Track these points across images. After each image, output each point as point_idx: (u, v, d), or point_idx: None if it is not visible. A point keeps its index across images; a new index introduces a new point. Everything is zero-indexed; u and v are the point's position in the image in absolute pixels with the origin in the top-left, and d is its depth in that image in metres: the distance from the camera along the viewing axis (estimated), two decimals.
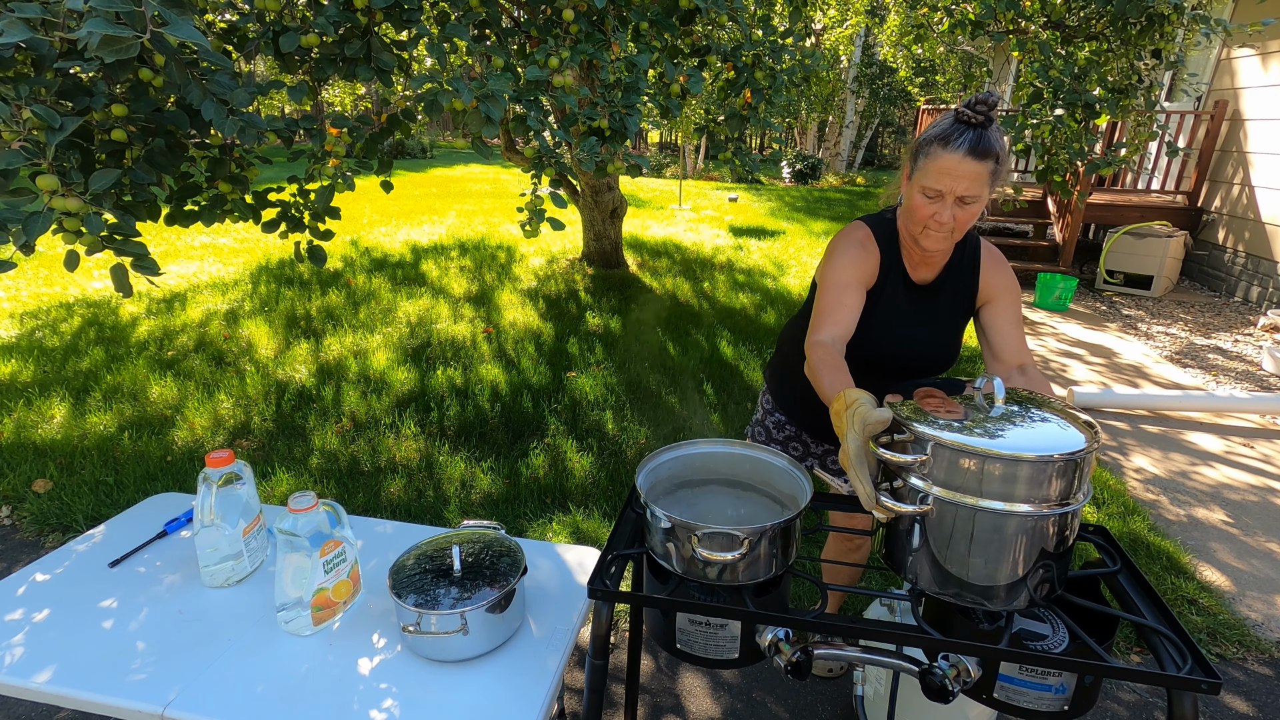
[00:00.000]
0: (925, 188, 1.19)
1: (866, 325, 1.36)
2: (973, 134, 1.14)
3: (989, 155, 1.15)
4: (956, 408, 0.99)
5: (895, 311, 1.36)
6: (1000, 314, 1.34)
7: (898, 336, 1.36)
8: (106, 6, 1.14)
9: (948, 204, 1.18)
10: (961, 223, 1.20)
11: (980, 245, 1.37)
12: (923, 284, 1.36)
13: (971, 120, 1.15)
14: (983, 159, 1.14)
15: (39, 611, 1.17)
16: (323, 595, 1.13)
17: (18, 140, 1.29)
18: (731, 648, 1.07)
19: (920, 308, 1.36)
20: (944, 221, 1.19)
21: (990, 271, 1.35)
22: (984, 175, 1.16)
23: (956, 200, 1.18)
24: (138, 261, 1.56)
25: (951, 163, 1.15)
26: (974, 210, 1.20)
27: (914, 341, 1.37)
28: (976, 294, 1.36)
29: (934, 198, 1.19)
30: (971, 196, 1.17)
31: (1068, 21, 3.26)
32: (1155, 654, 0.96)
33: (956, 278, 1.36)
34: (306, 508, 1.11)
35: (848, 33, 10.60)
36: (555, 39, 2.04)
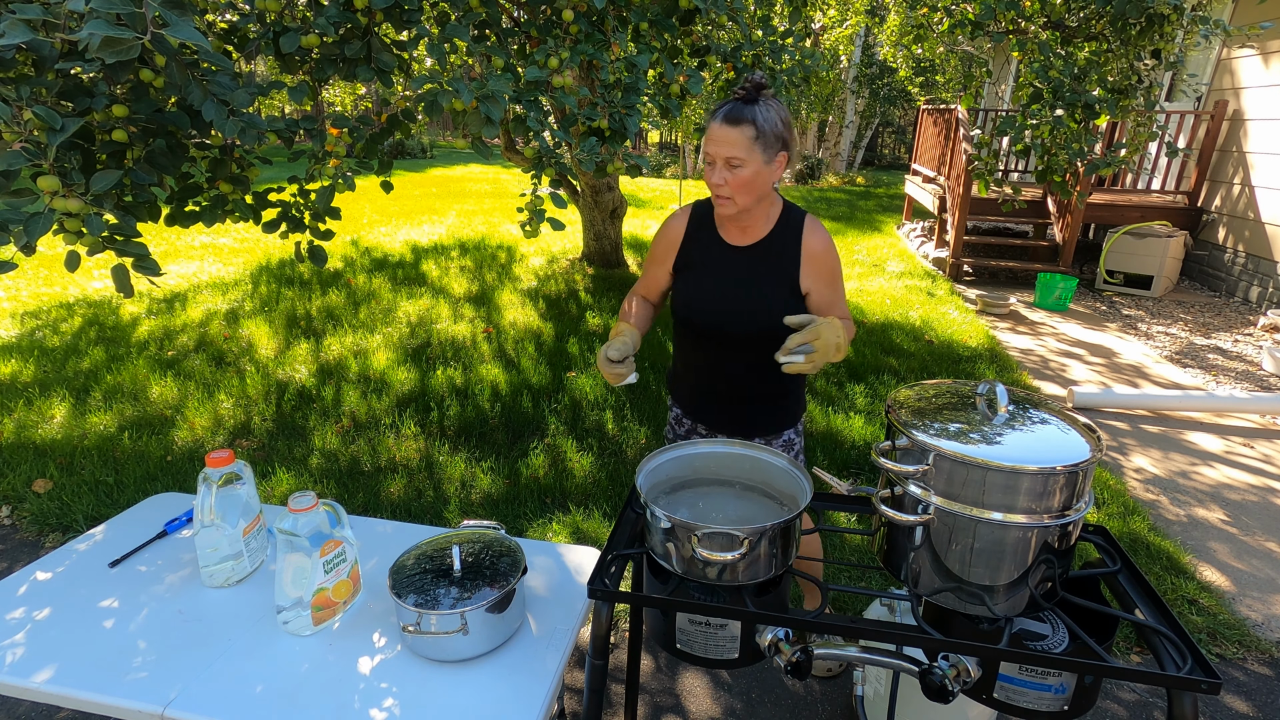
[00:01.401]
0: (705, 155, 1.36)
1: (687, 288, 1.52)
2: (733, 105, 1.31)
3: (742, 121, 1.30)
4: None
5: (710, 272, 1.50)
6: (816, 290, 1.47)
7: (717, 292, 1.48)
8: (107, 8, 1.14)
9: (719, 168, 1.34)
10: (735, 186, 1.34)
11: (805, 219, 1.48)
12: (740, 247, 1.48)
13: (736, 95, 1.32)
14: (736, 124, 1.30)
15: (39, 611, 1.17)
16: (323, 595, 1.13)
17: (19, 141, 1.29)
18: (731, 648, 1.07)
19: (736, 268, 1.48)
20: (718, 184, 1.35)
21: (810, 246, 1.46)
22: (742, 141, 1.31)
23: (725, 164, 1.33)
24: (139, 262, 1.56)
25: (714, 130, 1.33)
26: (744, 175, 1.33)
27: (734, 296, 1.47)
28: (799, 264, 1.45)
29: (710, 164, 1.35)
30: (737, 160, 1.32)
31: (1068, 22, 3.26)
32: (1155, 654, 0.96)
33: (778, 244, 1.46)
34: (306, 508, 1.11)
35: (848, 33, 10.60)
36: (555, 39, 2.04)
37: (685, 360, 1.62)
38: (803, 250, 1.44)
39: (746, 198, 1.37)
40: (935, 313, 5.08)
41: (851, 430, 3.21)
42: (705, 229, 1.51)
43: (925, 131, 8.14)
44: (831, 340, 1.27)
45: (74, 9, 1.15)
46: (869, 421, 3.29)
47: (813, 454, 3.01)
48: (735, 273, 1.47)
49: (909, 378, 3.87)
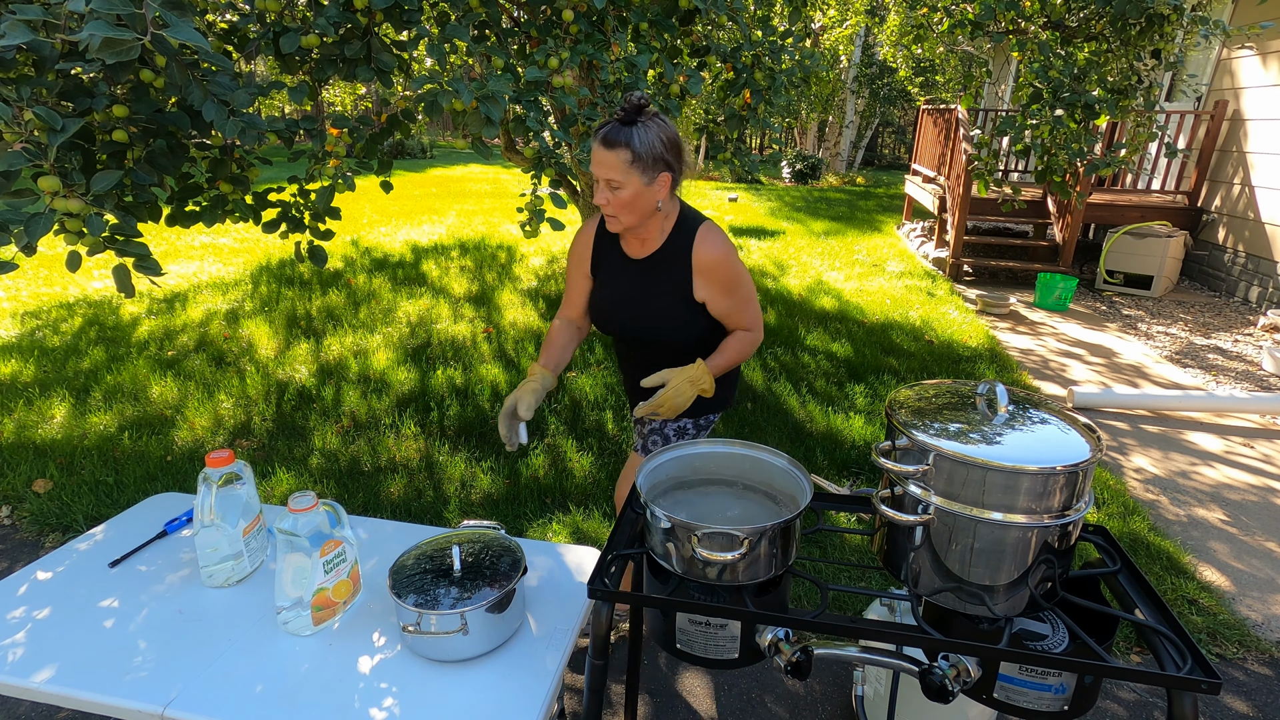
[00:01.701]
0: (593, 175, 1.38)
1: (594, 296, 1.59)
2: (610, 128, 1.33)
3: (617, 144, 1.32)
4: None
5: (613, 284, 1.56)
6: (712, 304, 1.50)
7: (614, 304, 1.55)
8: (107, 9, 1.14)
9: (603, 189, 1.37)
10: (617, 206, 1.38)
11: (697, 231, 1.48)
12: (635, 259, 1.52)
13: (614, 117, 1.34)
14: (612, 148, 1.32)
15: (39, 611, 1.17)
16: (323, 595, 1.13)
17: (20, 142, 1.29)
18: (731, 648, 1.07)
19: (634, 281, 1.52)
20: (602, 203, 1.38)
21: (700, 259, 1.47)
22: (618, 163, 1.33)
23: (607, 184, 1.36)
24: (140, 262, 1.57)
25: (594, 151, 1.35)
26: (624, 196, 1.36)
27: (629, 308, 1.53)
28: (692, 277, 1.48)
29: (597, 183, 1.38)
30: (616, 182, 1.35)
31: (1068, 22, 3.26)
32: (1155, 654, 0.96)
33: (670, 256, 1.49)
34: (306, 508, 1.11)
35: (848, 33, 10.60)
36: (555, 39, 2.05)
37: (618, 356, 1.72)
38: (693, 262, 1.46)
39: (630, 217, 1.40)
40: (935, 313, 5.08)
41: (851, 430, 3.21)
42: (610, 239, 1.55)
43: (925, 131, 8.14)
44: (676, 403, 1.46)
45: (74, 9, 1.15)
46: (869, 421, 3.29)
47: (813, 454, 3.01)
48: (631, 285, 1.52)
49: (909, 378, 3.87)
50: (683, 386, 1.47)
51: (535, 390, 1.46)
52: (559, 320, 1.64)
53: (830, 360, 4.11)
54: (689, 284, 1.48)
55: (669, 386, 1.46)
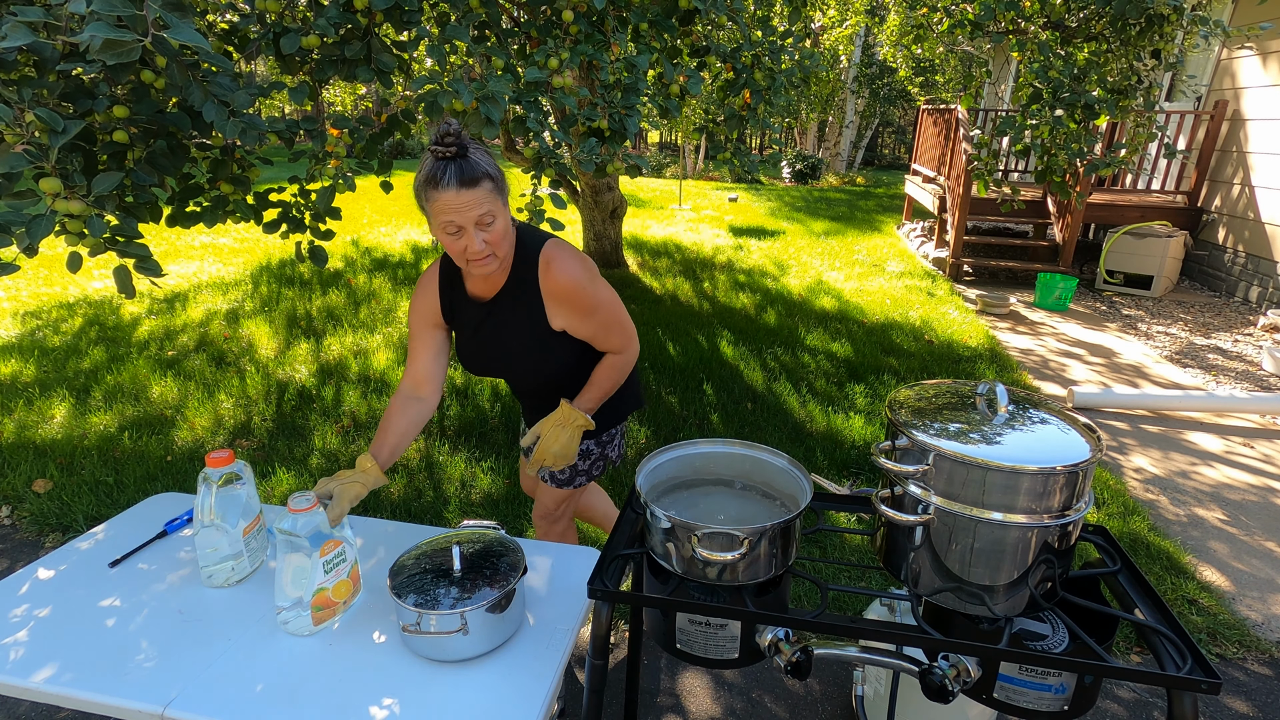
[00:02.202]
0: (444, 226, 1.23)
1: (464, 352, 1.49)
2: (454, 166, 1.19)
3: (478, 180, 1.20)
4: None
5: (469, 329, 1.46)
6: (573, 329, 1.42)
7: (474, 351, 1.47)
8: (108, 10, 1.14)
9: (470, 233, 1.23)
10: (495, 242, 1.26)
11: (540, 258, 1.37)
12: (483, 300, 1.43)
13: (445, 154, 1.19)
14: (475, 185, 1.20)
15: (39, 611, 1.17)
16: (323, 595, 1.13)
17: (21, 143, 1.29)
18: (731, 648, 1.07)
19: (486, 323, 1.43)
20: (478, 249, 1.25)
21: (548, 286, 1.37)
22: (484, 197, 1.22)
23: (477, 225, 1.23)
24: (140, 263, 1.57)
25: (449, 198, 1.20)
26: (499, 226, 1.26)
27: (490, 353, 1.45)
28: (543, 306, 1.38)
29: (456, 233, 1.23)
30: (486, 216, 1.23)
31: (1068, 22, 3.26)
32: (1155, 654, 0.96)
33: (516, 291, 1.39)
34: (306, 508, 1.10)
35: (847, 33, 10.60)
36: (555, 40, 2.05)
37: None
38: (542, 290, 1.37)
39: (505, 247, 1.30)
40: (935, 313, 5.08)
41: (851, 430, 3.21)
42: (456, 287, 1.44)
43: (925, 131, 8.14)
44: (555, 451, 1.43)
45: (75, 11, 1.15)
46: (869, 421, 3.29)
47: (813, 454, 3.01)
48: (488, 326, 1.43)
49: (909, 378, 3.87)
50: (555, 433, 1.41)
51: (356, 495, 1.23)
52: (398, 398, 1.42)
53: (830, 360, 4.11)
54: (542, 315, 1.38)
55: (543, 437, 1.43)
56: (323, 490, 1.22)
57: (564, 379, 1.48)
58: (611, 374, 1.46)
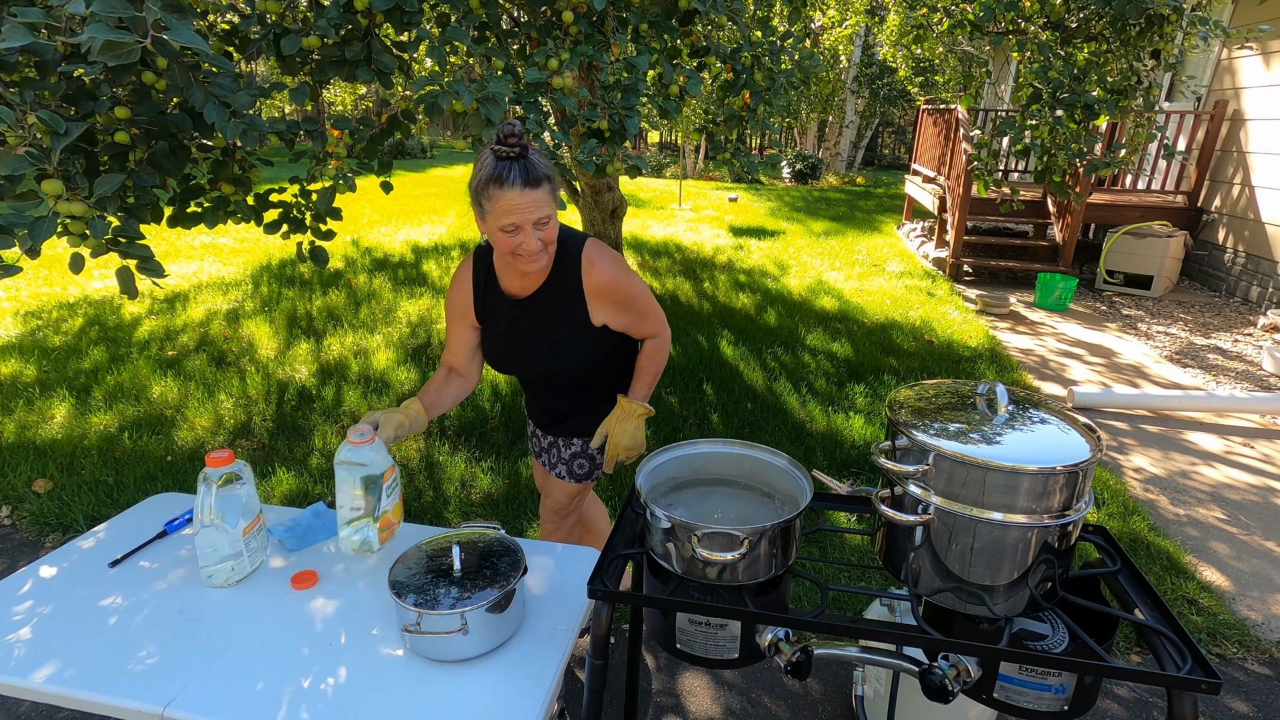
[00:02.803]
0: (501, 226, 1.26)
1: (485, 343, 1.53)
2: (519, 166, 1.23)
3: (540, 181, 1.25)
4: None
5: (498, 327, 1.49)
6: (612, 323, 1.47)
7: (502, 343, 1.50)
8: (108, 12, 1.14)
9: (527, 233, 1.27)
10: (548, 240, 1.31)
11: (582, 256, 1.42)
12: (518, 298, 1.46)
13: (509, 155, 1.23)
14: (537, 186, 1.24)
15: (39, 611, 1.17)
16: (385, 517, 1.23)
17: (23, 145, 1.29)
18: (731, 648, 1.07)
19: (519, 321, 1.47)
20: (533, 247, 1.29)
21: (590, 284, 1.42)
22: (543, 199, 1.26)
23: (535, 225, 1.27)
24: (142, 264, 1.57)
25: (513, 197, 1.23)
26: (553, 226, 1.31)
27: (527, 350, 1.48)
28: (586, 304, 1.43)
29: (513, 231, 1.27)
30: (544, 218, 1.27)
31: (1067, 23, 3.26)
32: (1155, 654, 0.96)
33: (555, 291, 1.43)
34: (366, 440, 1.22)
35: (847, 32, 10.60)
36: (555, 40, 2.05)
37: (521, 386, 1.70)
38: (585, 290, 1.42)
39: (553, 247, 1.35)
40: (935, 313, 5.08)
41: (851, 430, 3.21)
42: (489, 283, 1.48)
43: (925, 131, 8.14)
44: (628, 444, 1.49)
45: (75, 11, 1.15)
46: (869, 421, 3.29)
47: (813, 454, 3.01)
48: (522, 326, 1.46)
49: (909, 378, 3.87)
50: (621, 428, 1.47)
51: (401, 423, 1.37)
52: (441, 371, 1.55)
53: (830, 360, 4.11)
54: (584, 310, 1.43)
55: (611, 436, 1.48)
56: (369, 419, 1.33)
57: (593, 374, 1.53)
58: (654, 358, 1.52)
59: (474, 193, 1.28)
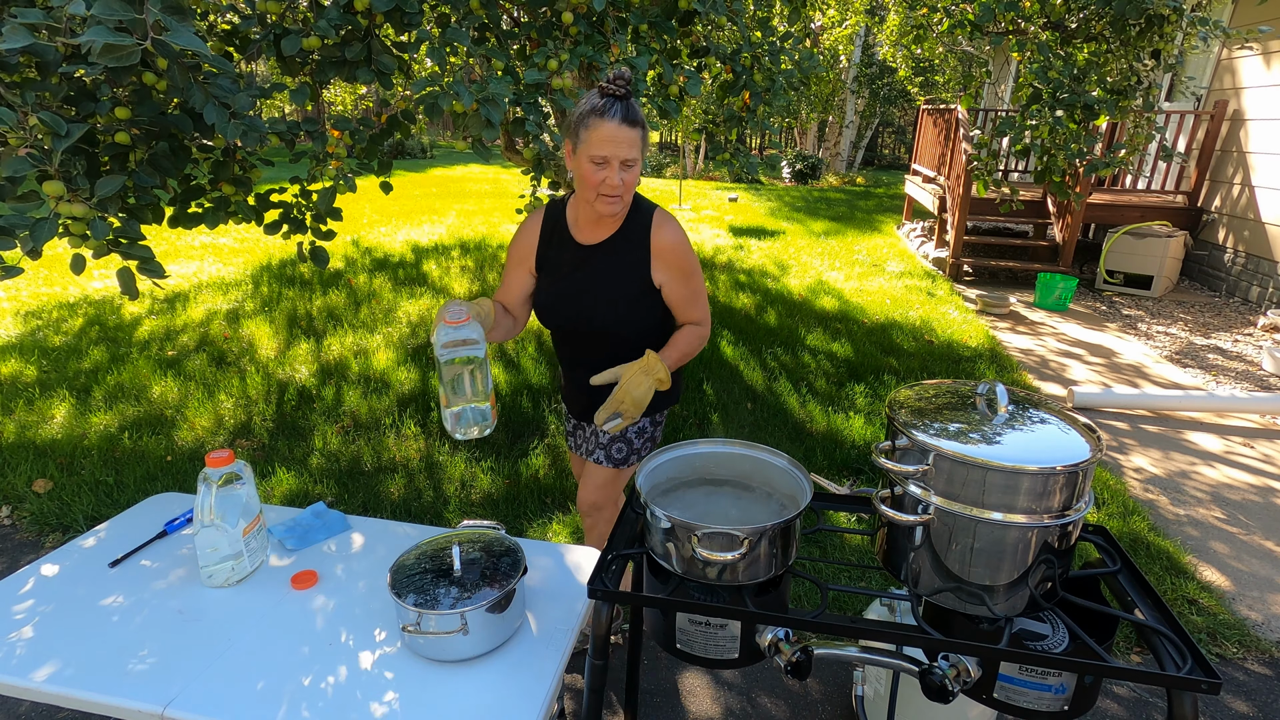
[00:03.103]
0: (593, 156, 1.32)
1: (543, 289, 1.55)
2: (621, 105, 1.31)
3: (638, 122, 1.32)
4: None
5: (560, 270, 1.52)
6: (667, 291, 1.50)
7: (568, 293, 1.51)
8: (108, 14, 1.14)
9: (614, 168, 1.33)
10: (628, 185, 1.36)
11: (654, 215, 1.48)
12: (588, 245, 1.50)
13: (616, 93, 1.30)
14: (634, 125, 1.32)
15: (39, 611, 1.17)
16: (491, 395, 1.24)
17: (24, 147, 1.30)
18: (731, 648, 1.07)
19: (584, 266, 1.50)
20: (614, 184, 1.34)
21: (659, 242, 1.47)
22: (637, 140, 1.33)
23: (621, 164, 1.33)
24: (143, 265, 1.57)
25: (611, 129, 1.30)
26: (635, 173, 1.37)
27: (585, 296, 1.49)
28: (650, 262, 1.47)
29: (601, 164, 1.33)
30: (631, 160, 1.34)
31: (1067, 23, 3.26)
32: (1155, 654, 0.96)
33: (624, 243, 1.48)
34: (464, 318, 1.19)
35: (847, 32, 10.61)
36: (554, 41, 2.05)
37: (561, 360, 1.68)
38: (651, 245, 1.46)
39: (630, 196, 1.41)
40: (935, 313, 5.08)
41: (851, 430, 3.21)
42: (559, 229, 1.52)
43: (925, 131, 8.14)
44: (636, 397, 1.37)
45: (75, 13, 1.15)
46: (869, 421, 3.29)
47: (813, 454, 3.01)
48: (586, 271, 1.49)
49: (909, 378, 3.87)
50: (638, 378, 1.37)
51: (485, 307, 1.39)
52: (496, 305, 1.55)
53: (830, 360, 4.11)
54: (647, 267, 1.47)
55: (624, 380, 1.37)
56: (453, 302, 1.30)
57: (642, 338, 1.52)
58: (691, 340, 1.51)
59: (572, 124, 1.34)
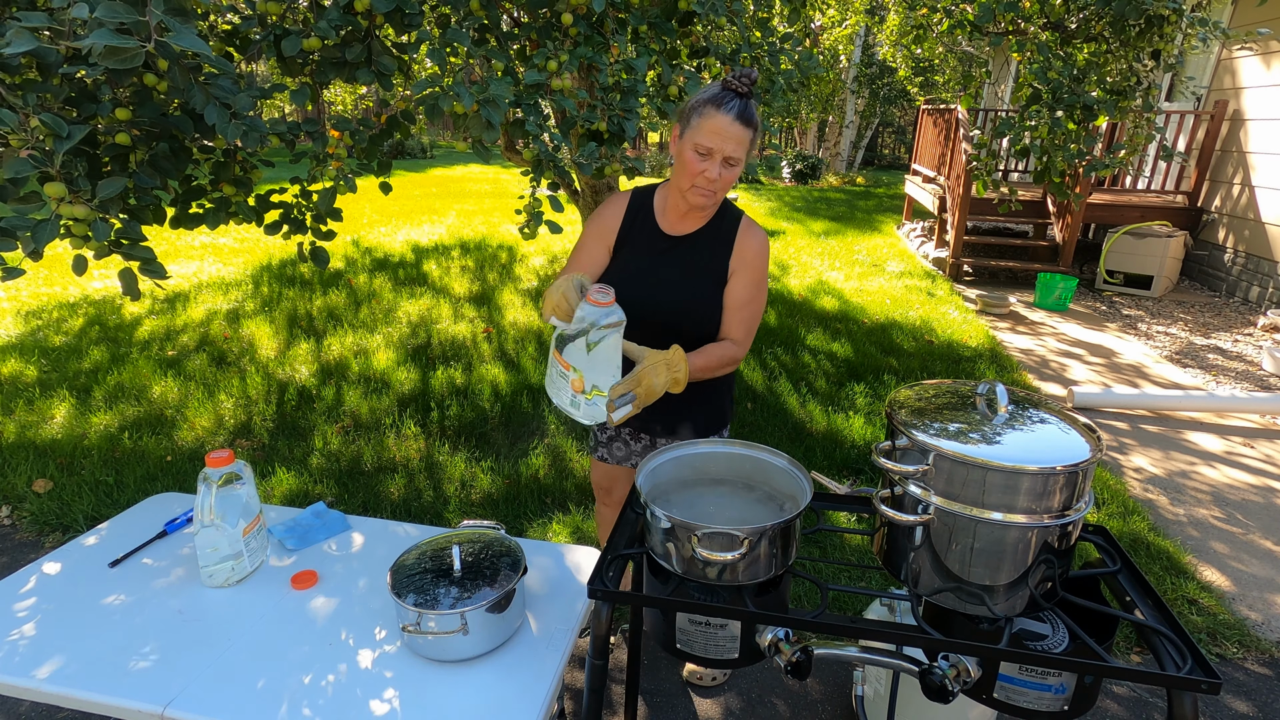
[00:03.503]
0: (698, 144, 1.31)
1: (620, 276, 1.49)
2: (740, 102, 1.29)
3: (751, 123, 1.31)
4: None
5: (638, 252, 1.50)
6: (733, 289, 1.47)
7: (636, 274, 1.48)
8: (110, 17, 1.14)
9: (716, 162, 1.32)
10: (724, 182, 1.35)
11: (742, 220, 1.48)
12: (673, 235, 1.48)
13: (739, 90, 1.29)
14: (747, 125, 1.30)
15: (39, 611, 1.17)
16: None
17: (26, 149, 1.30)
18: (731, 648, 1.07)
19: (667, 257, 1.48)
20: (712, 178, 1.33)
21: (743, 245, 1.46)
22: (746, 141, 1.32)
23: (723, 160, 1.32)
24: (145, 266, 1.57)
25: (723, 123, 1.29)
26: (735, 173, 1.35)
27: (659, 284, 1.47)
28: (729, 262, 1.46)
29: (705, 154, 1.32)
30: (735, 159, 1.32)
31: (1067, 23, 3.26)
32: (1155, 654, 0.96)
33: (710, 239, 1.46)
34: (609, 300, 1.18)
35: (847, 32, 10.61)
36: (554, 42, 2.05)
37: None
38: (735, 246, 1.46)
39: (724, 193, 1.40)
40: (935, 313, 5.08)
41: (851, 430, 3.21)
42: (643, 214, 1.51)
43: (925, 131, 8.15)
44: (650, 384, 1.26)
45: (79, 16, 1.15)
46: (869, 421, 3.29)
47: (813, 454, 3.01)
48: (666, 260, 1.48)
49: (909, 378, 3.87)
50: (659, 367, 1.29)
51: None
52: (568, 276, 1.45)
53: (830, 360, 4.11)
54: (725, 268, 1.46)
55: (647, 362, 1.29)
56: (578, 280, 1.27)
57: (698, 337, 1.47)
58: (722, 356, 1.44)
59: (686, 109, 1.34)
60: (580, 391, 1.24)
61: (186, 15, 1.26)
